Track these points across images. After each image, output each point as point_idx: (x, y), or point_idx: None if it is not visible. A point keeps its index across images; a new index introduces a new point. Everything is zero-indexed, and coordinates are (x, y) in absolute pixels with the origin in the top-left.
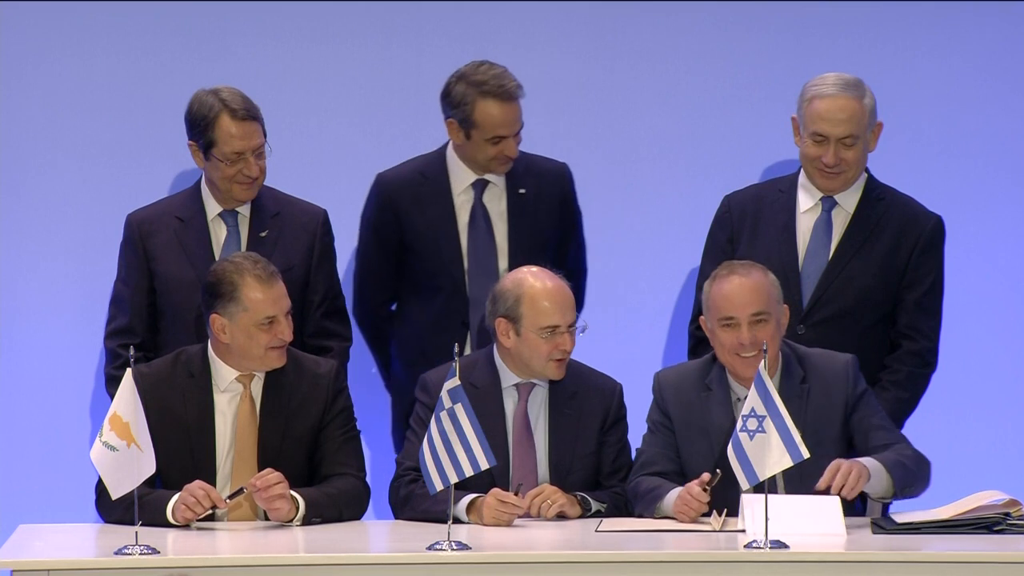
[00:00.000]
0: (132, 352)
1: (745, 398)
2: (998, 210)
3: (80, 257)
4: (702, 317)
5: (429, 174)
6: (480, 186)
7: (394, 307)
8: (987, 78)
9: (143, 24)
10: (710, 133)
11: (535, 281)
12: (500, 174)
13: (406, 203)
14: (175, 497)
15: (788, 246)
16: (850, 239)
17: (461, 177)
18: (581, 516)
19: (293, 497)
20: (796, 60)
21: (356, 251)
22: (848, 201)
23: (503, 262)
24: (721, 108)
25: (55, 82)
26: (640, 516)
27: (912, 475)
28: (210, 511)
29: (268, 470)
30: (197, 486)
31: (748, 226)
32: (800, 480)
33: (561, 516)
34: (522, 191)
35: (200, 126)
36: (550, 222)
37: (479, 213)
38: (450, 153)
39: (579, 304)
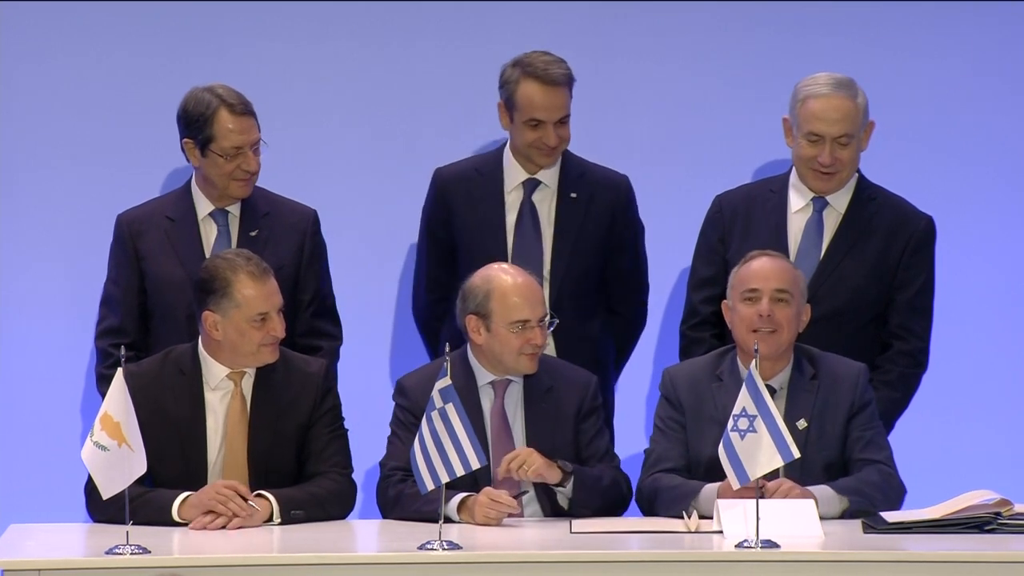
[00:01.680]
0: (123, 352)
1: None
2: (990, 210)
3: (71, 257)
4: (725, 301)
5: (484, 170)
6: (531, 185)
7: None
8: (980, 78)
9: (135, 24)
10: (701, 133)
11: (505, 276)
12: (544, 166)
13: (458, 199)
14: (180, 497)
15: (779, 246)
16: (841, 239)
17: (514, 175)
18: (560, 482)
19: (266, 497)
20: (788, 60)
21: (414, 247)
22: (839, 201)
23: (547, 263)
24: (713, 108)
25: (48, 82)
26: (662, 514)
27: (870, 502)
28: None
29: (224, 495)
30: (225, 488)
31: (739, 226)
32: (801, 475)
33: (543, 508)
34: (574, 195)
35: (198, 123)
36: (598, 231)
37: (527, 212)
38: (507, 151)
39: (639, 322)
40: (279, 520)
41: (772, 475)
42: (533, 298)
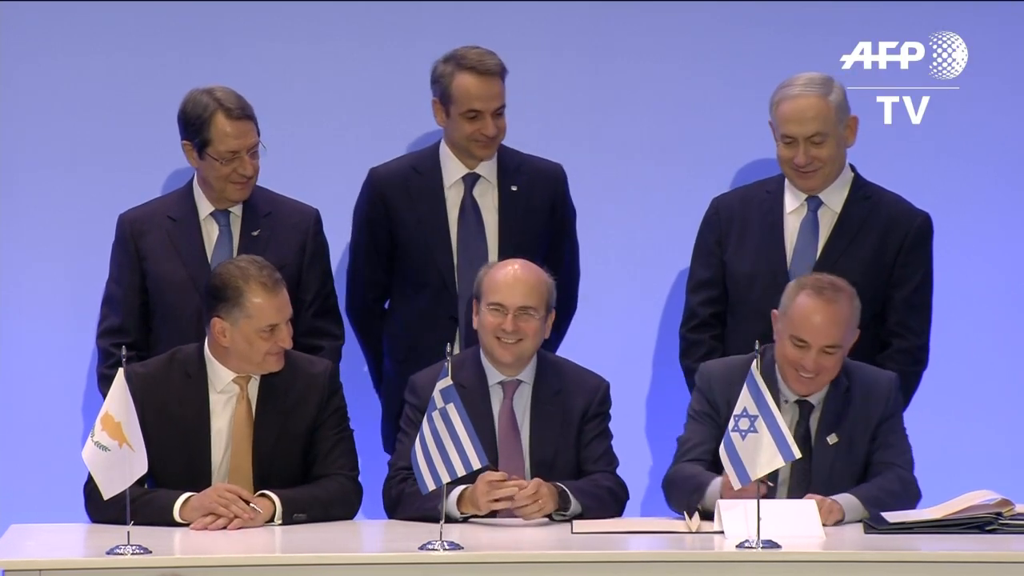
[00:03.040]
0: (124, 352)
1: (792, 400)
2: (990, 209)
3: (72, 257)
4: (775, 311)
5: (421, 168)
6: (471, 180)
7: (387, 305)
8: (978, 76)
9: (135, 24)
10: (699, 135)
11: (502, 265)
12: (483, 158)
13: (397, 197)
14: (182, 498)
15: (776, 247)
16: (837, 239)
17: (452, 171)
18: (558, 511)
19: (269, 497)
20: (786, 60)
21: (348, 247)
22: (834, 200)
23: (492, 257)
24: (712, 109)
25: (48, 82)
26: (673, 507)
27: (888, 507)
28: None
29: (227, 499)
30: (227, 491)
31: (736, 228)
32: (829, 490)
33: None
34: (514, 188)
35: (195, 125)
36: (541, 221)
37: (469, 206)
38: (443, 147)
39: (571, 308)
40: (280, 522)
41: (773, 475)
42: (516, 287)
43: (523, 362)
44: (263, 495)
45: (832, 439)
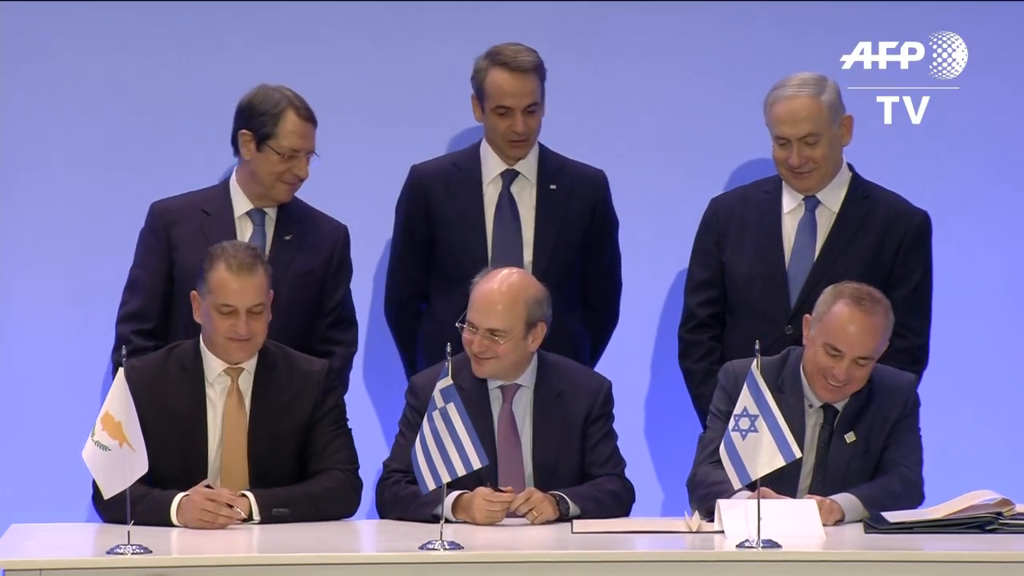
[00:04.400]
0: (124, 351)
1: (818, 406)
2: (990, 209)
3: (72, 256)
4: (808, 316)
5: (461, 164)
6: (509, 176)
7: (424, 307)
8: (978, 76)
9: (136, 24)
10: (698, 135)
11: (488, 279)
12: (516, 157)
13: (437, 192)
14: (178, 498)
15: (774, 247)
16: (835, 238)
17: (492, 167)
18: (559, 519)
19: (245, 495)
20: (786, 60)
21: (389, 245)
22: (832, 200)
23: (528, 254)
24: (712, 109)
25: (48, 82)
26: (693, 507)
27: (888, 507)
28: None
29: (210, 511)
30: (207, 500)
31: (734, 228)
32: (843, 489)
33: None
34: (553, 187)
35: (262, 117)
36: (580, 224)
37: (505, 202)
38: (484, 144)
39: (612, 320)
40: (258, 519)
41: (773, 474)
42: (487, 306)
43: (507, 374)
44: (242, 495)
45: (850, 437)
